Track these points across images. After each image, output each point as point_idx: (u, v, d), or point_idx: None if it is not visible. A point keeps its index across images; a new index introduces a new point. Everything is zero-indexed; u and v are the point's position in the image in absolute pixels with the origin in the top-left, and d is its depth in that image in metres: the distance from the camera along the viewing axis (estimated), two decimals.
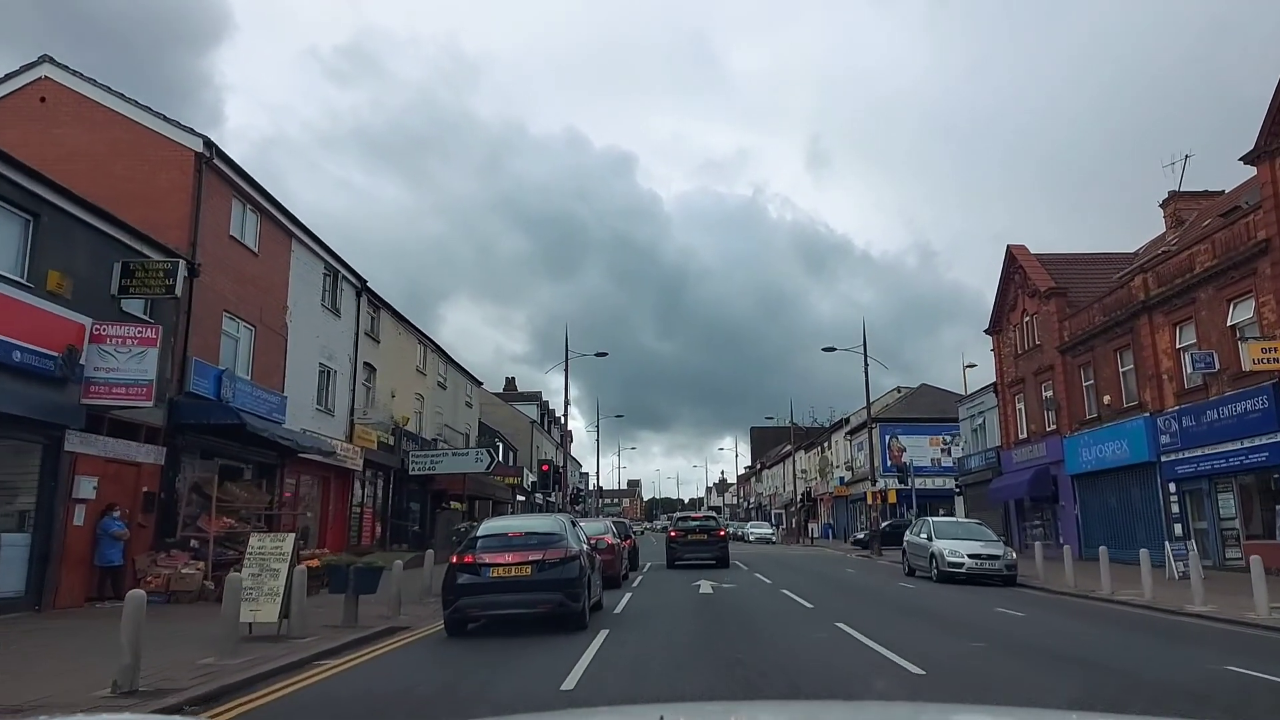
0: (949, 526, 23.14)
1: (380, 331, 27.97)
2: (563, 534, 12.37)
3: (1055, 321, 31.66)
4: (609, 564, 18.54)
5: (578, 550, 12.23)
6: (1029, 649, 10.44)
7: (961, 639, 11.09)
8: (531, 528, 12.71)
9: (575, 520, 14.37)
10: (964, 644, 10.58)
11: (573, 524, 13.42)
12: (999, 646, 10.52)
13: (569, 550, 12.02)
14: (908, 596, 17.92)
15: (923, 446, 56.52)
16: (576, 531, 13.31)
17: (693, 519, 28.66)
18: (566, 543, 12.15)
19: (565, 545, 12.07)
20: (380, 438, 26.98)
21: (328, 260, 23.72)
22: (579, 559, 12.13)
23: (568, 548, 12.04)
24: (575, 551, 12.13)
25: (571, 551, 12.04)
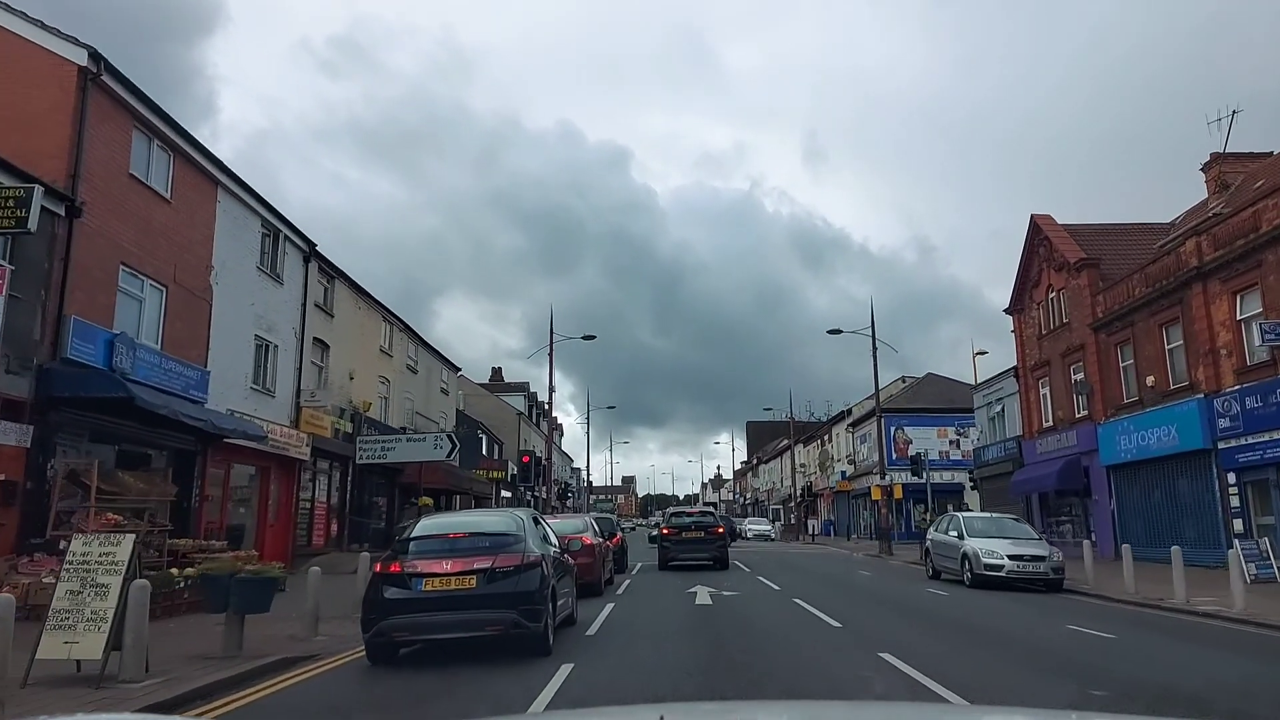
0: (982, 523, 20.10)
1: (335, 305, 24.82)
2: (519, 535, 9.34)
3: (1087, 296, 28.64)
4: (586, 568, 15.48)
5: (538, 555, 9.19)
6: (1176, 696, 7.39)
7: (1065, 681, 8.00)
8: (479, 526, 9.68)
9: (539, 517, 11.27)
10: (1078, 690, 7.50)
11: (535, 522, 10.34)
12: (1130, 694, 7.46)
13: (527, 555, 9.00)
14: (946, 608, 14.88)
15: (930, 438, 53.58)
16: (540, 531, 10.25)
17: (687, 514, 25.60)
18: (524, 546, 9.13)
19: (522, 549, 9.06)
20: (336, 424, 23.85)
21: (266, 217, 20.57)
22: (539, 567, 9.10)
23: (525, 552, 9.03)
24: (535, 557, 9.10)
25: (530, 557, 9.02)
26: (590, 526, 16.90)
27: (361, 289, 26.84)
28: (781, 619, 12.63)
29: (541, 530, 10.47)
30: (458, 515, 10.50)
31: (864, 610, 14.10)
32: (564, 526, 16.59)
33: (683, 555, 23.87)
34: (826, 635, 10.91)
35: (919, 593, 17.55)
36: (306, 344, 22.75)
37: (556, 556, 10.60)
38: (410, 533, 9.56)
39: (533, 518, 10.23)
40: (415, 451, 19.02)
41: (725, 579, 20.18)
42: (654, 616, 12.92)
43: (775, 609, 13.98)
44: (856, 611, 13.72)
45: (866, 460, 57.60)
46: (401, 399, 30.70)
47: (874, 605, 15.09)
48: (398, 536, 9.87)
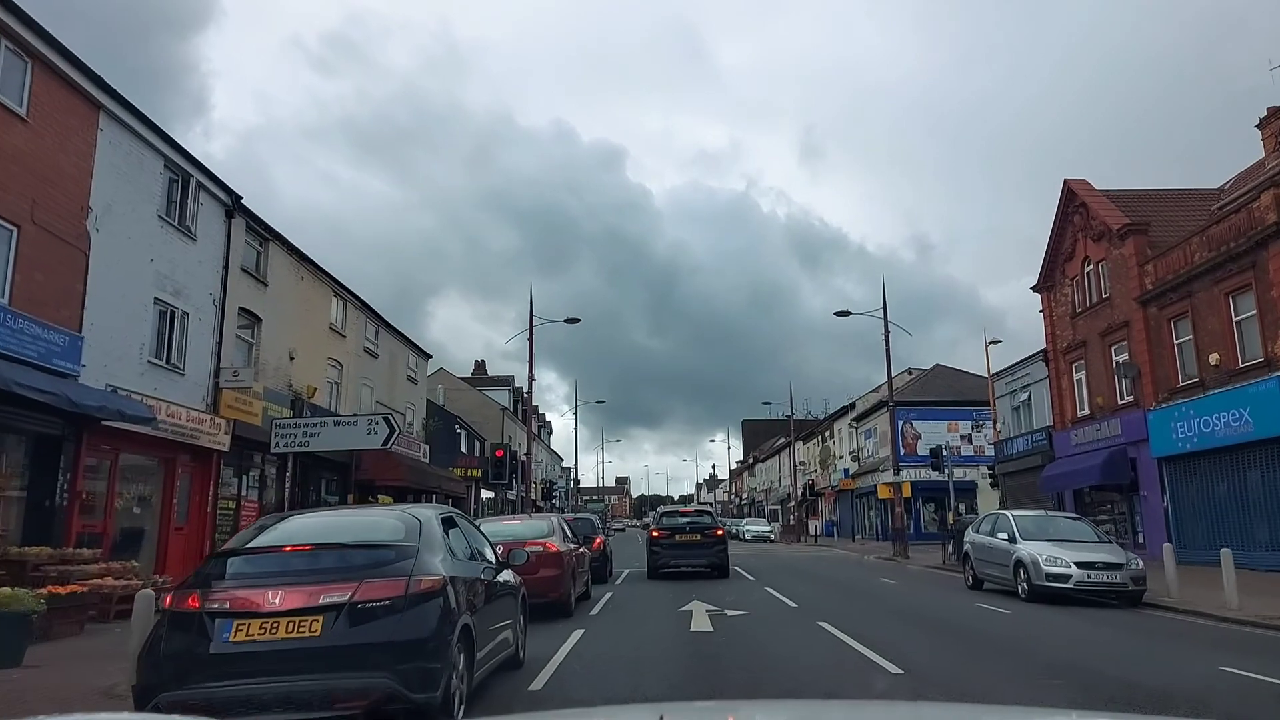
0: (1037, 522, 16.66)
1: (269, 271, 21.25)
2: (406, 546, 5.80)
3: (1133, 266, 25.27)
4: (548, 584, 12.05)
5: (438, 579, 5.67)
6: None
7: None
8: (341, 533, 6.12)
9: (461, 517, 7.70)
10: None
11: (445, 524, 6.73)
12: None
13: (416, 581, 5.51)
14: (1027, 636, 11.42)
15: (940, 432, 50.19)
16: (451, 540, 6.71)
17: (681, 514, 22.09)
18: (412, 565, 5.62)
19: (407, 570, 5.56)
20: (270, 410, 20.30)
21: (171, 158, 17.02)
22: (439, 597, 5.61)
23: (414, 575, 5.53)
24: (431, 582, 5.60)
25: (421, 583, 5.52)
26: (559, 529, 13.40)
27: (305, 256, 23.29)
28: (812, 658, 9.13)
29: (459, 538, 6.96)
30: (316, 515, 6.88)
31: (920, 642, 10.62)
32: (521, 530, 13.12)
33: (676, 561, 20.39)
34: (887, 688, 7.40)
35: (970, 610, 14.07)
36: (229, 314, 19.19)
37: (486, 578, 7.12)
38: (230, 543, 6.07)
39: (442, 518, 6.70)
40: (345, 438, 15.46)
41: (727, 591, 16.73)
42: (633, 654, 9.41)
43: (798, 639, 10.48)
44: (910, 644, 10.24)
45: (872, 456, 54.18)
46: (357, 385, 27.16)
47: (927, 633, 11.60)
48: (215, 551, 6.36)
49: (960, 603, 15.17)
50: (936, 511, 50.64)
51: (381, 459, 26.76)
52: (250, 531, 6.21)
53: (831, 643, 10.04)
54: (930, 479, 48.55)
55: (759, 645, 9.90)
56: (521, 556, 8.19)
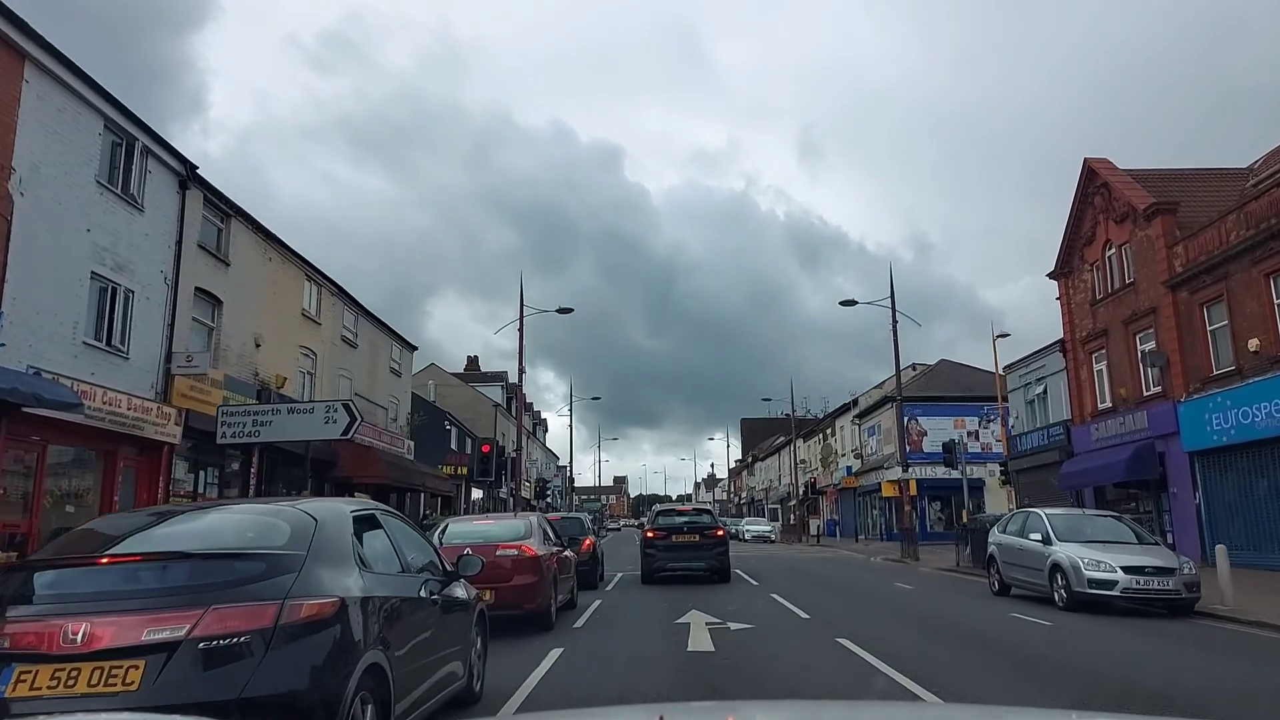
0: (1073, 522, 15.05)
1: (232, 250, 19.58)
2: (286, 556, 4.13)
3: (1161, 248, 23.65)
4: (523, 593, 10.46)
5: (328, 603, 3.99)
6: None
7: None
8: (196, 538, 4.41)
9: (392, 517, 5.91)
10: None
11: (361, 528, 4.99)
12: None
13: (295, 608, 3.84)
14: (1072, 651, 9.78)
15: (946, 429, 48.54)
16: (374, 546, 5.04)
17: (679, 513, 20.43)
18: (290, 582, 3.95)
19: (276, 592, 3.87)
20: (233, 401, 18.62)
21: (113, 118, 15.35)
22: (335, 626, 3.97)
23: (286, 601, 3.84)
24: (319, 607, 3.93)
25: (304, 610, 3.86)
26: (539, 530, 11.73)
27: (273, 236, 21.61)
28: (836, 687, 7.48)
29: (381, 545, 5.28)
30: (180, 515, 4.94)
31: (958, 662, 8.99)
32: (494, 531, 11.47)
33: (673, 564, 18.73)
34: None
35: (1005, 622, 12.43)
36: (184, 295, 17.53)
37: (424, 595, 5.47)
38: (47, 552, 4.43)
39: (358, 517, 5.01)
40: (299, 427, 13.74)
41: (728, 598, 15.09)
42: (618, 683, 7.76)
43: (816, 662, 8.83)
44: (948, 666, 8.62)
45: (875, 454, 52.57)
46: (334, 376, 25.49)
47: (963, 650, 9.96)
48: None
49: (991, 612, 13.53)
50: (943, 510, 49.07)
51: (360, 455, 25.12)
52: (73, 535, 4.55)
53: (856, 666, 8.40)
54: (936, 477, 46.97)
55: (770, 671, 8.26)
56: (474, 564, 6.53)
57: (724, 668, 8.34)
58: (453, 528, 11.62)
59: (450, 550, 10.68)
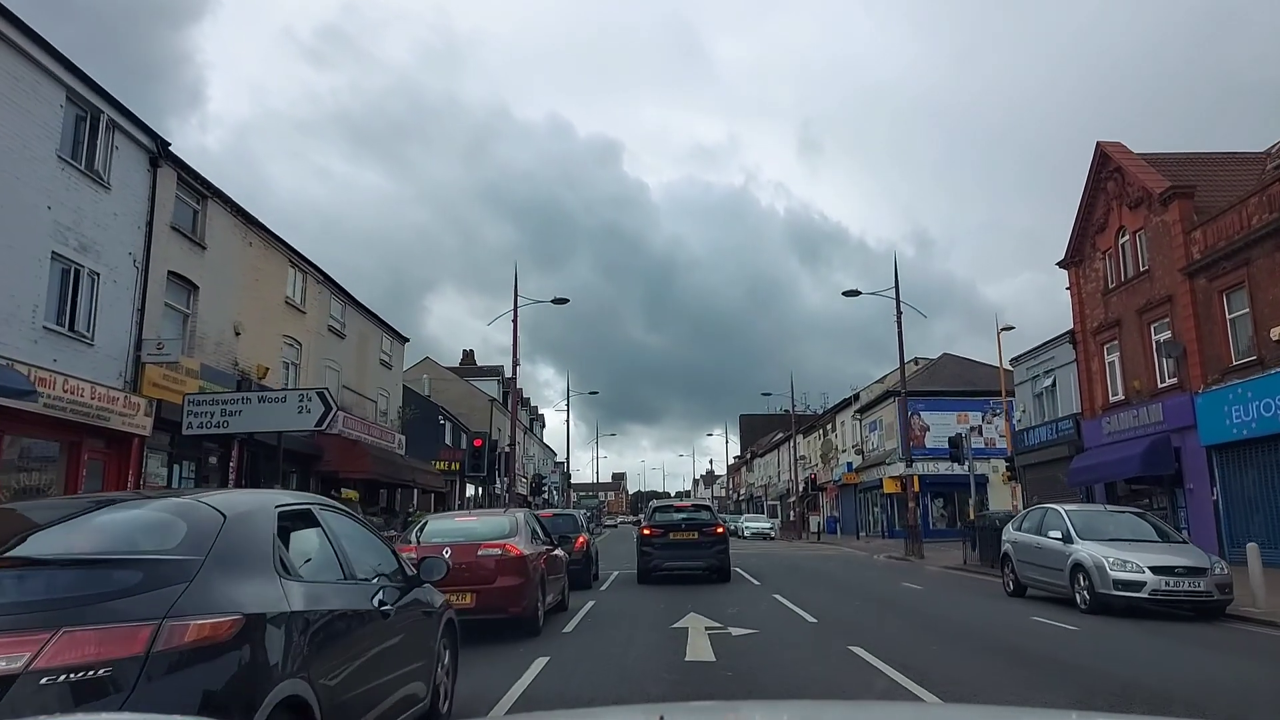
0: (1095, 519, 14.19)
1: (208, 233, 18.67)
2: (174, 563, 3.25)
3: (1178, 234, 22.79)
4: (505, 597, 9.66)
5: (227, 622, 3.09)
6: None
7: None
8: (59, 539, 3.43)
9: (335, 513, 4.95)
10: None
11: (290, 526, 4.09)
12: None
13: (178, 630, 2.97)
14: (1107, 660, 8.92)
15: (949, 424, 47.70)
16: (304, 548, 4.17)
17: (676, 509, 19.56)
18: (184, 594, 3.09)
19: (154, 610, 3.00)
20: (209, 390, 17.72)
21: (75, 88, 14.45)
22: (236, 650, 3.11)
23: (164, 621, 2.97)
24: (212, 629, 3.05)
25: (189, 632, 2.98)
26: (525, 528, 10.84)
27: (254, 220, 20.70)
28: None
29: (318, 546, 4.40)
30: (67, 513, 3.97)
31: (986, 675, 8.14)
32: (477, 529, 10.60)
33: (670, 563, 17.86)
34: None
35: (1027, 626, 11.57)
36: (155, 278, 16.63)
37: (374, 605, 4.59)
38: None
39: (285, 513, 4.10)
40: (271, 417, 12.81)
41: (729, 599, 14.24)
42: (608, 703, 6.87)
43: (829, 675, 7.96)
44: (975, 679, 7.78)
45: (877, 450, 51.74)
46: (319, 367, 24.59)
47: (989, 660, 9.09)
48: None
49: (1010, 615, 12.67)
50: (945, 507, 48.26)
51: (346, 449, 24.28)
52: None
53: (874, 679, 7.54)
54: (938, 473, 46.18)
55: (778, 686, 7.40)
56: (438, 568, 5.63)
57: (726, 681, 7.48)
58: (432, 525, 10.75)
59: (429, 549, 9.83)
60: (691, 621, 11.22)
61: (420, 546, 9.99)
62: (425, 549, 9.94)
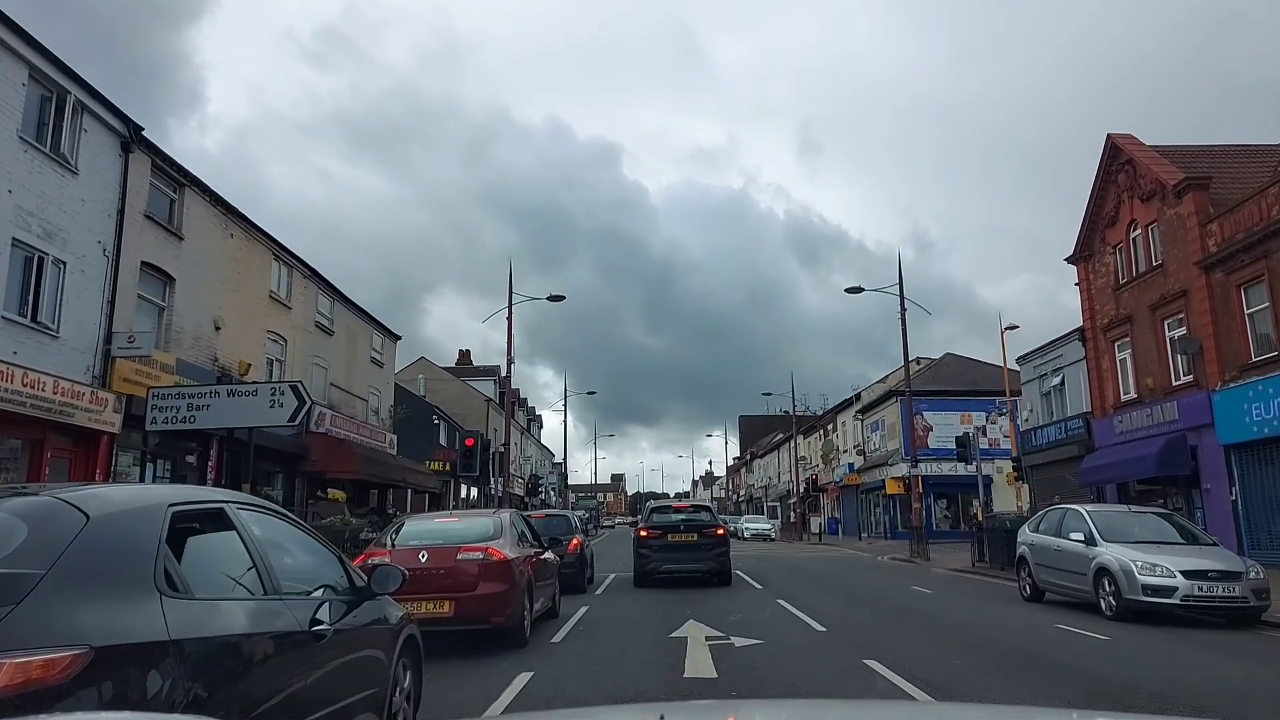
0: (1118, 520, 13.40)
1: (185, 223, 17.88)
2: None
3: (1193, 226, 22.03)
4: (487, 606, 8.91)
5: (54, 663, 2.31)
6: None
7: None
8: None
9: (260, 513, 4.11)
10: None
11: (185, 531, 3.29)
12: None
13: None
14: (1147, 673, 8.15)
15: (953, 424, 46.98)
16: (211, 558, 3.43)
17: (675, 510, 18.76)
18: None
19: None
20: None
21: (39, 67, 13.67)
22: (86, 695, 2.30)
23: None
24: (50, 674, 2.28)
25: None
26: (510, 530, 10.04)
27: (235, 211, 19.91)
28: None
29: (230, 555, 3.60)
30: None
31: (1017, 693, 7.34)
32: (457, 531, 9.81)
33: (668, 566, 17.06)
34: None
35: (1052, 635, 10.77)
36: (127, 269, 15.84)
37: (300, 626, 3.79)
38: None
39: (179, 512, 3.25)
40: (241, 412, 11.97)
41: (731, 605, 13.45)
42: None
43: (844, 694, 7.17)
44: (1005, 698, 6.98)
45: (879, 450, 50.94)
46: (306, 364, 23.80)
47: (1018, 675, 8.29)
48: None
49: (1032, 624, 11.88)
50: (949, 508, 47.48)
51: (333, 448, 23.48)
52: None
53: (896, 699, 6.74)
54: (941, 473, 45.44)
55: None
56: (393, 577, 4.82)
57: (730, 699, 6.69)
58: (409, 527, 9.95)
59: (403, 554, 9.05)
60: (691, 630, 10.44)
61: (394, 550, 9.20)
62: (399, 553, 9.16)
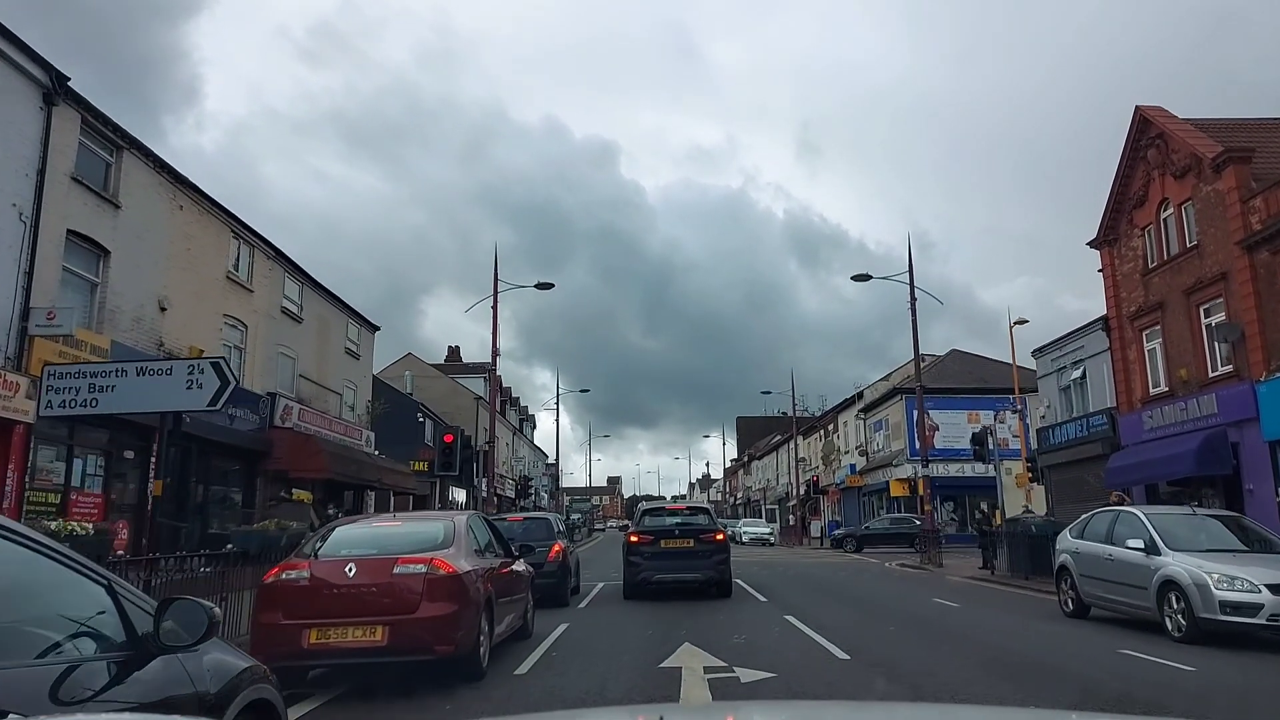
0: (1184, 525, 11.59)
1: (123, 190, 16.01)
2: None
3: (1233, 203, 20.23)
4: (431, 631, 7.11)
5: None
6: None
7: None
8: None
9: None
10: None
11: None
12: None
13: None
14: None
15: (959, 423, 45.28)
16: None
17: (669, 512, 16.89)
18: None
19: None
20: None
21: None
22: None
23: None
24: None
25: None
26: (465, 536, 8.14)
27: (186, 180, 18.04)
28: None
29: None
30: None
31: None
32: (395, 537, 7.97)
33: (661, 575, 15.19)
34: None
35: (1117, 662, 8.95)
36: (49, 238, 13.97)
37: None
38: None
39: None
40: (152, 395, 9.96)
41: (732, 623, 11.63)
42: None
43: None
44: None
45: (882, 450, 49.15)
46: (270, 353, 21.93)
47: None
48: None
49: (1089, 646, 10.05)
50: (955, 511, 45.69)
51: (299, 444, 21.61)
52: None
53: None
54: (948, 475, 43.64)
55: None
56: (197, 618, 2.95)
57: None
58: (340, 533, 8.10)
59: (328, 566, 7.22)
60: (686, 658, 8.61)
61: (316, 562, 7.36)
62: (323, 565, 7.33)
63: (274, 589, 7.14)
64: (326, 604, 6.95)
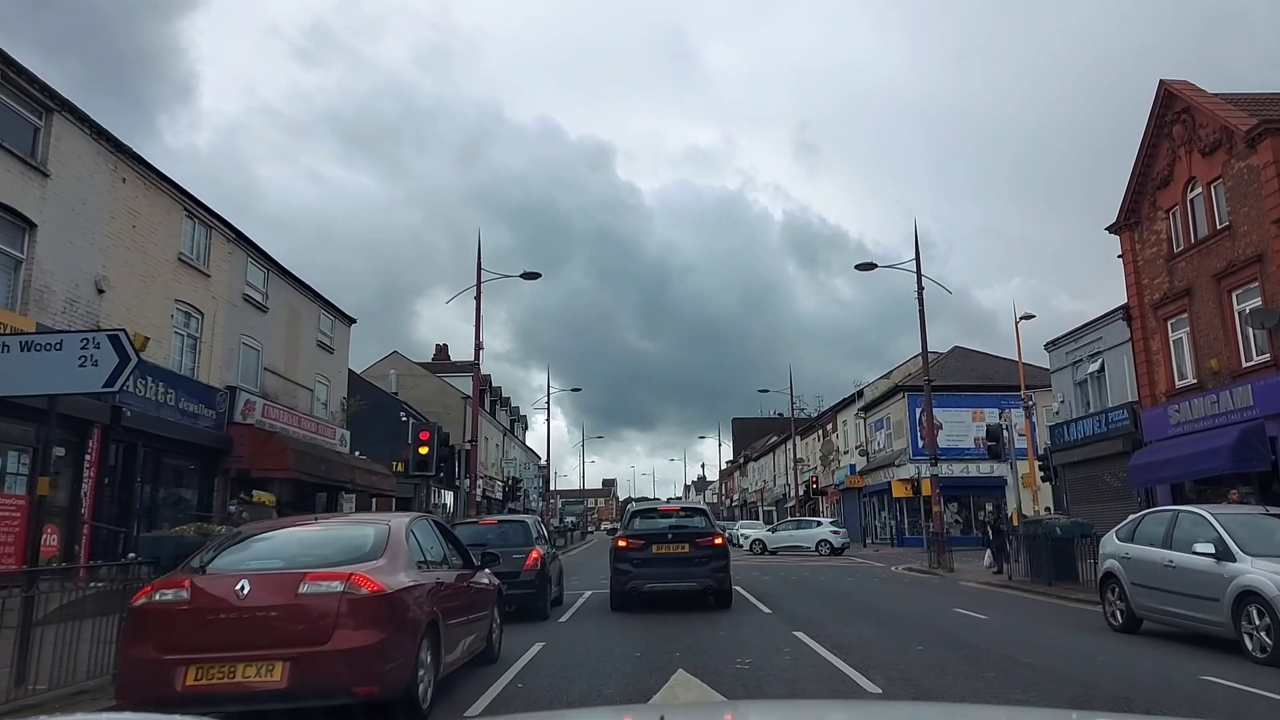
0: (1261, 525, 9.99)
1: (53, 158, 14.35)
2: None
3: (1270, 179, 18.73)
4: (347, 667, 5.38)
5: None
6: None
7: None
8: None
9: None
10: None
11: None
12: None
13: None
14: None
15: (963, 421, 43.81)
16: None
17: (661, 514, 15.22)
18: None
19: None
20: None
21: None
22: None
23: None
24: None
25: None
26: (402, 545, 6.49)
27: (128, 149, 16.39)
28: None
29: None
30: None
31: None
32: (310, 546, 6.36)
33: (653, 583, 13.54)
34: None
35: (1213, 696, 7.36)
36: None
37: None
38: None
39: None
40: (39, 375, 8.12)
41: (735, 640, 10.02)
42: None
43: None
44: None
45: (884, 450, 47.55)
46: (232, 343, 20.26)
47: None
48: None
49: (1163, 670, 8.45)
50: (960, 511, 44.13)
51: (261, 442, 19.95)
52: None
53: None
54: (952, 475, 41.93)
55: None
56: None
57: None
58: (241, 541, 6.45)
59: (217, 582, 5.59)
60: (680, 689, 7.03)
61: (201, 578, 5.72)
62: (209, 580, 5.70)
63: (144, 614, 5.51)
64: (210, 633, 5.34)
